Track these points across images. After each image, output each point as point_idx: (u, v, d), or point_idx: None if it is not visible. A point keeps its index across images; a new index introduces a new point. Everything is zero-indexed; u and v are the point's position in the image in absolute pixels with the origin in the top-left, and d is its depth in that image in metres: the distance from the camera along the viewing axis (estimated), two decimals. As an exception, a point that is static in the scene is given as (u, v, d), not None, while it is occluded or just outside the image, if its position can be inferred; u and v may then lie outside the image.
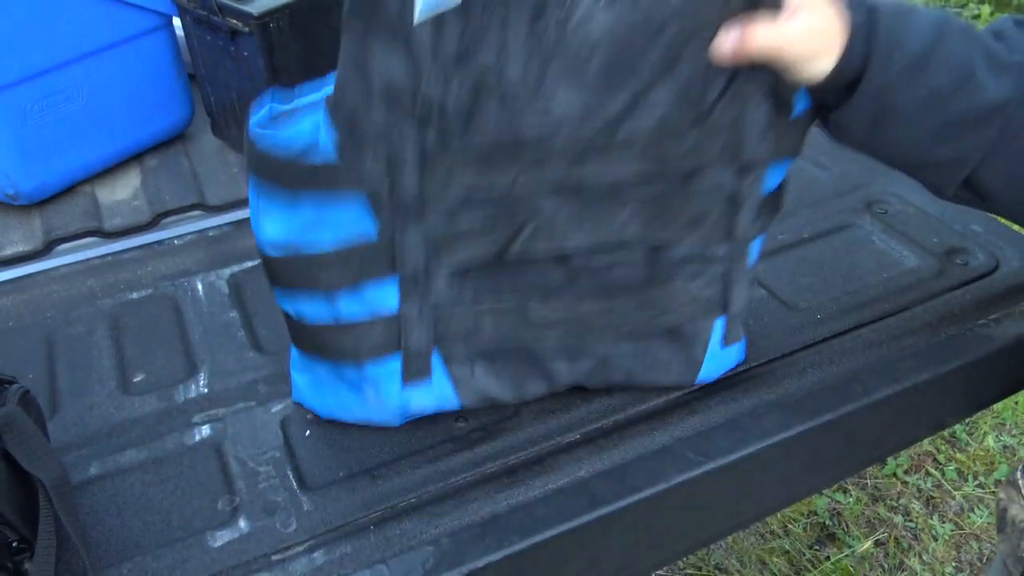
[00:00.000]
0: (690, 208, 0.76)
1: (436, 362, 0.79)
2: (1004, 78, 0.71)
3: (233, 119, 1.34)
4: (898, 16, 0.71)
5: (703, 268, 0.80)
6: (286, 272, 0.74)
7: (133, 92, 1.30)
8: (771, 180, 0.80)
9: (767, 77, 0.72)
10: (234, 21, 1.18)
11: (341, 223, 0.71)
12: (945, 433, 1.97)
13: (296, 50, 1.20)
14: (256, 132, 0.69)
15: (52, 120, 1.21)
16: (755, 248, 0.83)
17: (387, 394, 0.79)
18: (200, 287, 1.10)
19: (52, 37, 1.17)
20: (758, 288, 1.04)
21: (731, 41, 0.69)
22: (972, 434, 2.00)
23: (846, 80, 0.72)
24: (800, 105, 0.76)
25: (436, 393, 0.80)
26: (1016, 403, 2.05)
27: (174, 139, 1.41)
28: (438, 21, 0.64)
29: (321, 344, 0.78)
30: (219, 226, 1.21)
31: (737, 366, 0.92)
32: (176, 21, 1.33)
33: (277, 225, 0.71)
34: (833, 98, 0.74)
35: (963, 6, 3.24)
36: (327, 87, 0.70)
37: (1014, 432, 1.99)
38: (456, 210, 0.72)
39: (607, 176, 0.73)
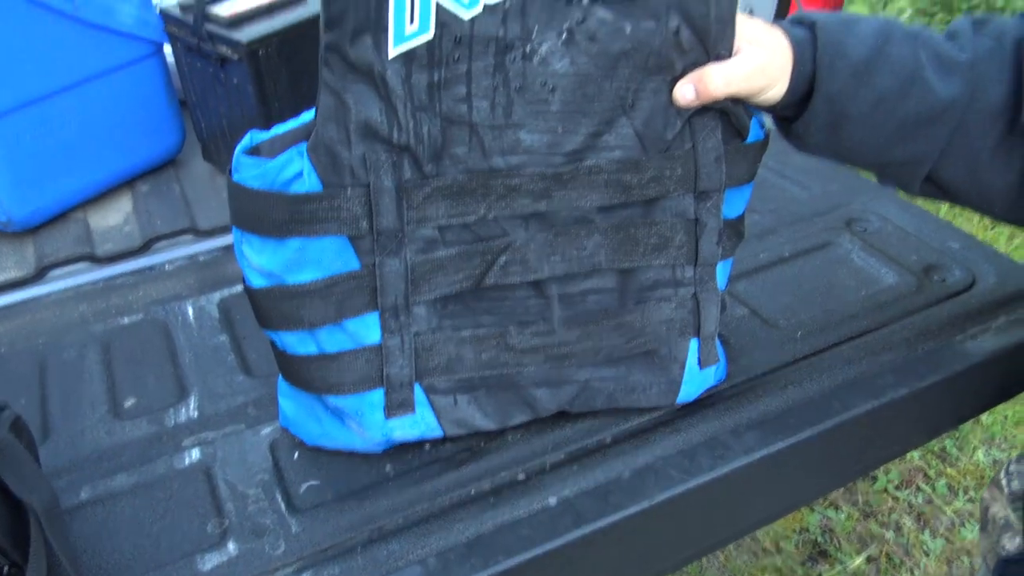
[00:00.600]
0: (654, 234, 0.79)
1: (419, 393, 0.80)
2: (952, 78, 0.74)
3: (224, 144, 1.36)
4: (840, 27, 0.74)
5: (673, 291, 0.82)
6: (270, 304, 0.76)
7: (125, 119, 1.32)
8: (732, 206, 0.83)
9: (720, 108, 0.76)
10: (224, 49, 1.21)
11: (323, 256, 0.73)
12: (935, 448, 1.99)
13: (285, 76, 1.23)
14: (239, 160, 0.71)
15: (45, 147, 1.24)
16: (723, 271, 0.86)
17: (370, 425, 0.81)
18: (190, 311, 1.11)
19: (45, 66, 1.20)
20: (739, 306, 1.06)
21: (690, 90, 0.73)
22: (962, 449, 2.01)
23: (799, 95, 0.75)
24: (753, 132, 0.79)
25: (419, 423, 0.82)
26: (1005, 417, 2.07)
27: (165, 164, 1.43)
28: (409, 61, 0.66)
29: (305, 378, 0.80)
30: (209, 251, 1.23)
31: (719, 384, 0.94)
32: (167, 48, 1.35)
33: (260, 257, 0.73)
34: (791, 111, 0.77)
35: (947, 22, 3.28)
36: (306, 114, 0.73)
37: (1003, 446, 2.01)
38: (433, 242, 0.74)
39: (575, 205, 0.76)
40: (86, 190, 1.32)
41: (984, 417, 2.05)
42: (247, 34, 1.19)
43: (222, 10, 1.22)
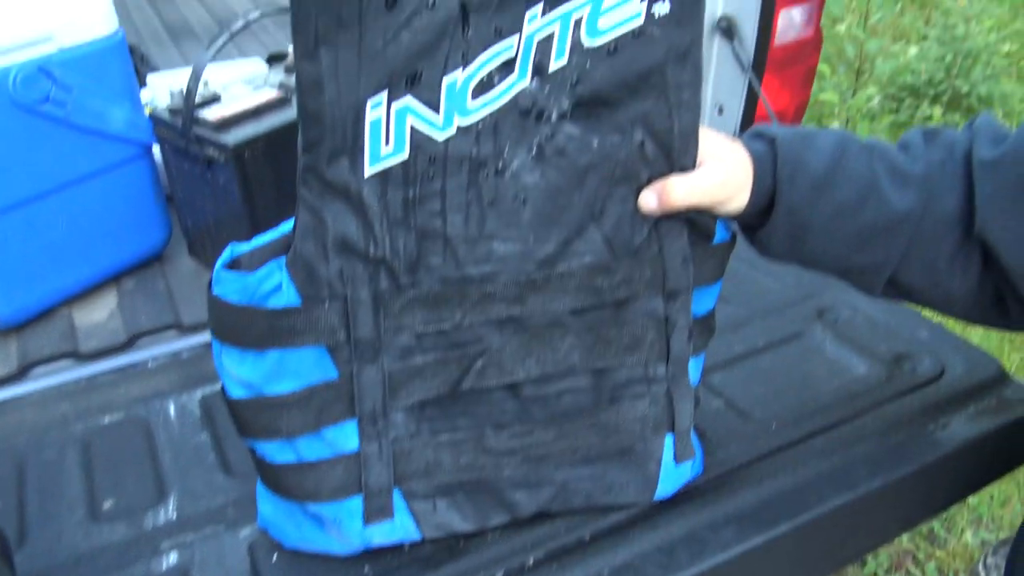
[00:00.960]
0: (626, 334, 0.82)
1: (397, 499, 0.81)
2: (908, 190, 0.78)
3: (209, 241, 1.39)
4: (798, 142, 0.79)
5: (646, 388, 0.85)
6: (249, 416, 0.77)
7: (113, 217, 1.35)
8: (701, 303, 0.86)
9: (685, 215, 0.80)
10: (211, 151, 1.25)
11: (302, 366, 0.75)
12: (923, 530, 1.98)
13: (269, 177, 1.27)
14: (220, 275, 0.74)
15: (32, 247, 1.26)
16: (695, 367, 0.88)
17: (349, 531, 0.81)
18: (172, 409, 1.12)
19: (35, 169, 1.23)
20: (715, 398, 1.08)
21: (652, 200, 0.77)
22: (950, 530, 2.01)
23: (760, 207, 0.79)
24: (719, 234, 0.83)
25: (398, 529, 0.82)
26: (991, 497, 2.07)
27: (152, 260, 1.45)
28: (384, 180, 0.70)
29: (284, 485, 0.80)
30: (193, 347, 1.25)
31: (696, 478, 0.95)
32: (155, 148, 1.39)
33: (240, 368, 0.75)
34: (754, 221, 0.81)
35: (916, 108, 3.41)
36: (287, 224, 0.76)
37: (991, 527, 2.00)
38: (410, 349, 0.77)
39: (548, 310, 0.78)
40: (72, 287, 1.35)
41: (970, 498, 2.05)
42: (233, 137, 1.23)
43: (210, 114, 1.26)
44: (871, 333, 1.18)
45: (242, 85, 1.39)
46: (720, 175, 0.77)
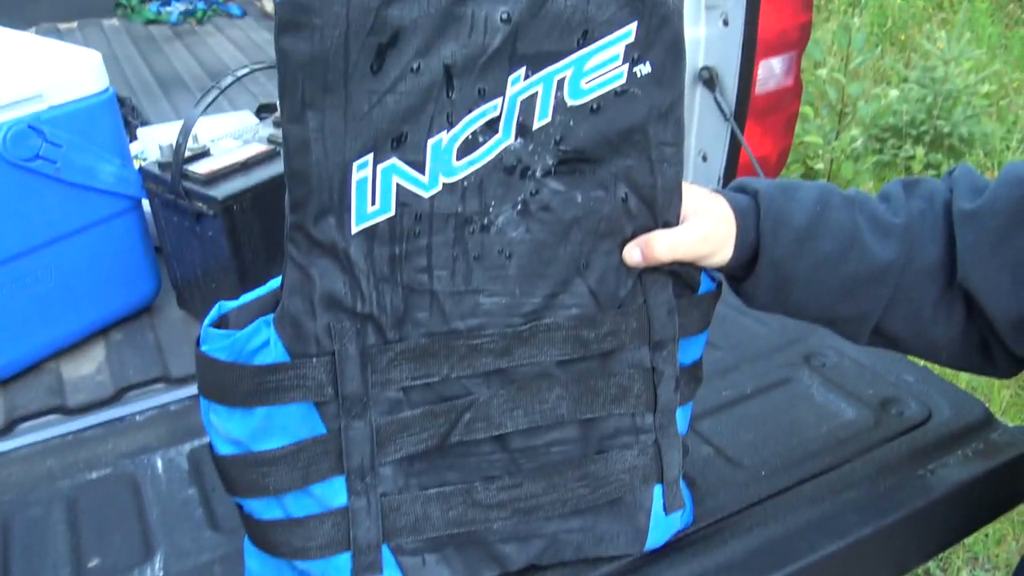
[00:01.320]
0: (613, 384, 0.82)
1: (386, 554, 0.81)
2: (889, 240, 0.79)
3: (198, 292, 1.40)
4: (781, 195, 0.80)
5: (634, 438, 0.85)
6: (236, 473, 0.77)
7: (102, 271, 1.35)
8: (688, 353, 0.87)
9: (670, 265, 0.81)
10: (200, 205, 1.26)
11: (290, 423, 0.75)
12: (919, 570, 1.97)
13: (257, 229, 1.28)
14: (207, 333, 0.74)
15: (20, 302, 1.26)
16: (683, 416, 0.89)
17: (338, 588, 0.81)
18: (160, 464, 1.11)
19: (25, 224, 1.24)
20: (704, 445, 1.08)
21: (636, 253, 0.78)
22: (946, 570, 2.00)
23: (744, 260, 0.80)
24: (704, 285, 0.84)
25: (388, 585, 0.82)
26: (987, 535, 2.06)
27: (141, 312, 1.45)
28: (371, 237, 0.71)
29: (271, 542, 0.80)
30: (181, 400, 1.24)
31: (686, 527, 0.95)
32: (144, 201, 1.40)
33: (228, 425, 0.75)
34: (739, 272, 0.82)
35: (899, 148, 3.46)
36: (275, 281, 0.77)
37: (987, 566, 1.99)
38: (398, 403, 0.77)
39: (535, 361, 0.79)
40: (60, 341, 1.34)
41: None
42: (222, 191, 1.24)
43: (199, 168, 1.28)
44: (858, 378, 1.18)
45: (231, 139, 1.40)
46: (703, 230, 0.78)
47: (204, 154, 1.33)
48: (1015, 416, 2.38)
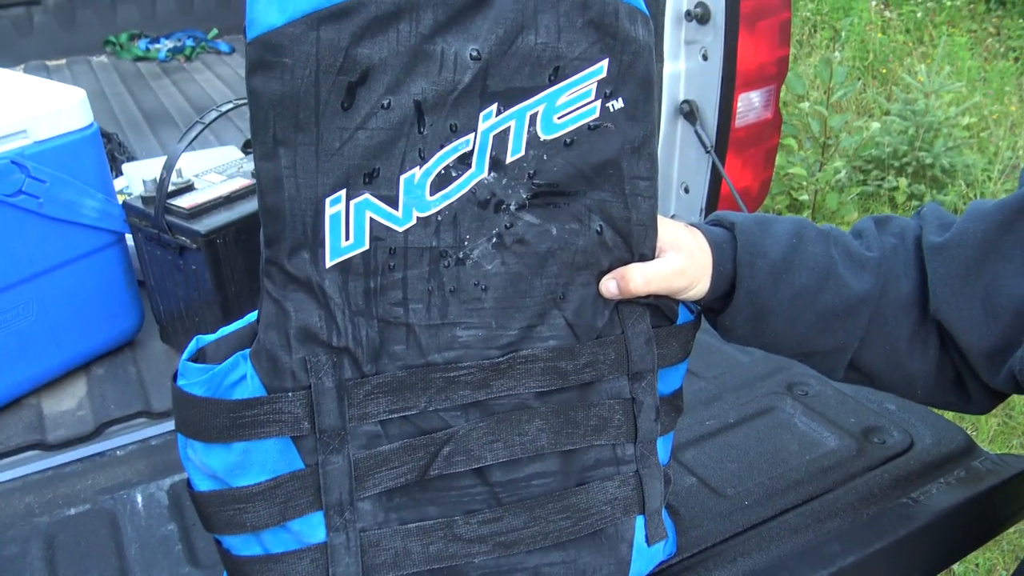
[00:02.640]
0: (593, 415, 0.82)
1: None
2: (864, 273, 0.80)
3: (181, 326, 1.39)
4: (757, 228, 0.82)
5: (615, 469, 0.85)
6: (214, 510, 0.77)
7: (84, 305, 1.35)
8: (667, 383, 0.87)
9: (646, 299, 0.81)
10: (183, 239, 1.27)
11: (268, 458, 0.75)
12: (910, 602, 1.96)
13: (240, 263, 1.28)
14: (185, 367, 0.74)
15: (1, 337, 1.26)
16: (664, 446, 0.89)
17: (318, 625, 0.80)
18: (139, 499, 1.11)
19: (6, 259, 1.23)
20: (688, 476, 1.08)
21: (613, 286, 0.79)
22: (937, 602, 1.98)
23: (721, 293, 0.81)
24: (683, 315, 0.85)
25: (366, 623, 0.81)
26: (977, 566, 2.05)
27: (123, 346, 1.45)
28: (345, 271, 0.72)
29: None
30: (162, 434, 1.24)
31: (669, 558, 0.94)
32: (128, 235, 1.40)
33: (206, 459, 0.75)
34: (716, 305, 0.83)
35: (883, 179, 3.51)
36: (250, 315, 0.77)
37: (978, 598, 1.98)
38: (376, 437, 0.77)
39: (513, 393, 0.79)
40: (41, 376, 1.34)
41: (956, 567, 2.03)
42: (205, 225, 1.25)
43: (183, 202, 1.28)
44: (840, 406, 1.19)
45: (215, 173, 1.41)
46: (678, 263, 0.79)
47: (188, 188, 1.34)
48: (1002, 444, 2.38)
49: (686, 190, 1.67)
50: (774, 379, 1.26)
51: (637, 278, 0.78)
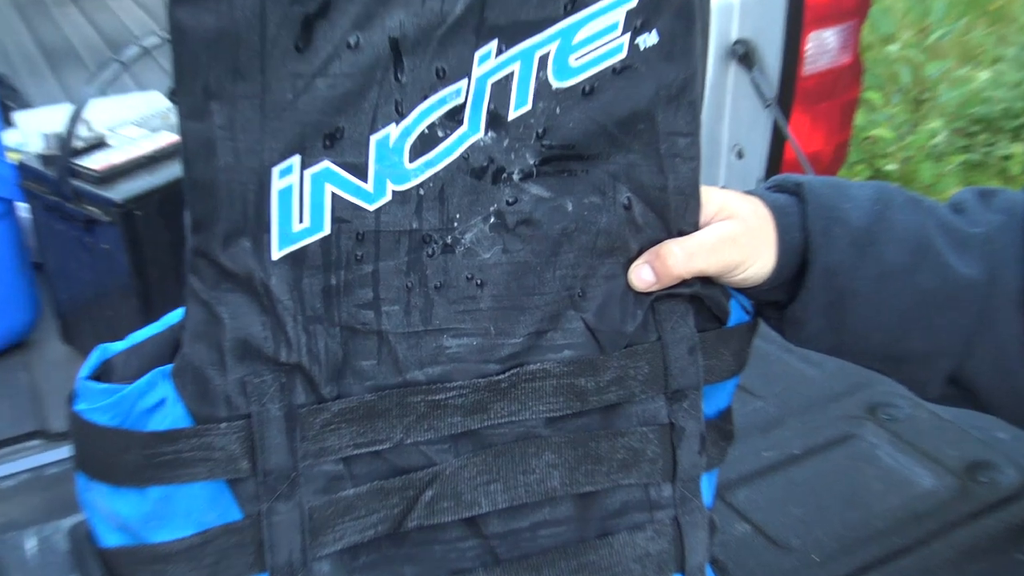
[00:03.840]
0: (620, 447, 0.81)
1: None
2: (968, 252, 0.79)
3: (88, 322, 1.40)
4: (831, 190, 0.81)
5: (647, 516, 0.84)
6: (126, 570, 0.76)
7: (-39, 294, 1.35)
8: (714, 403, 0.86)
9: (690, 289, 0.80)
10: (92, 209, 1.27)
11: (194, 506, 0.74)
12: None
13: (166, 242, 1.28)
14: (83, 387, 0.72)
15: None
16: (708, 484, 0.88)
17: None
18: (31, 545, 1.10)
19: None
20: (740, 522, 1.08)
21: (647, 272, 0.78)
22: None
23: (789, 272, 0.80)
24: (735, 314, 0.84)
25: None
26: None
27: (12, 348, 1.45)
28: (298, 264, 0.70)
29: None
30: (62, 460, 1.24)
31: (715, 629, 0.94)
32: (22, 206, 1.40)
33: (113, 504, 0.74)
34: (781, 295, 0.82)
35: (992, 145, 3.51)
36: (173, 315, 0.76)
37: None
38: (337, 478, 0.76)
39: (516, 420, 0.78)
40: (-94, 385, 1.34)
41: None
42: (121, 192, 1.25)
43: (92, 163, 1.28)
44: (938, 435, 1.19)
45: (135, 127, 1.41)
46: (728, 229, 0.78)
47: (99, 145, 1.34)
48: None
49: (739, 155, 1.67)
50: (852, 399, 1.26)
51: (677, 254, 0.76)
